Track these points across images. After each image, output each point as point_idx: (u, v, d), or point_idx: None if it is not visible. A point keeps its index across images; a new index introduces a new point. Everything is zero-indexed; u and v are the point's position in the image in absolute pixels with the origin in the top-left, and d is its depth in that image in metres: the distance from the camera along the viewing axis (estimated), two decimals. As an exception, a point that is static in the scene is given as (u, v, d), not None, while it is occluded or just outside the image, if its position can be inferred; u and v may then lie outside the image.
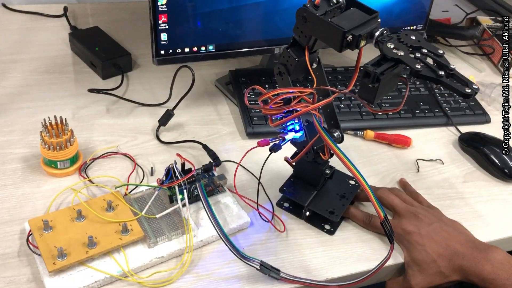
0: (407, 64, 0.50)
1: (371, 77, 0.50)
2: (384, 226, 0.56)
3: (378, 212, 0.56)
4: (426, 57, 0.51)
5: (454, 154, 0.87)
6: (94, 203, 0.65)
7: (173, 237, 0.63)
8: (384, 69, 0.50)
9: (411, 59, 0.50)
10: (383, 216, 0.56)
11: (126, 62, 0.94)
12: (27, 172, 0.72)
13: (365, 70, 0.50)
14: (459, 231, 0.68)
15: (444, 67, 0.50)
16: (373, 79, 0.50)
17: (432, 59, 0.51)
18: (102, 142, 0.79)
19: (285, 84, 0.64)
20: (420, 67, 0.50)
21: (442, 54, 0.52)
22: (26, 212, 0.66)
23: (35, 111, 0.83)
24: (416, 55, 0.51)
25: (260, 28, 0.84)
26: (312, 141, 0.63)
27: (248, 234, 0.68)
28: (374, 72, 0.50)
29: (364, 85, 0.52)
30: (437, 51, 0.52)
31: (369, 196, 0.56)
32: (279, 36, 0.86)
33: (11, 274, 0.59)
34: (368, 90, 0.51)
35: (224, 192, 0.71)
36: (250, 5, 0.80)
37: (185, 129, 0.84)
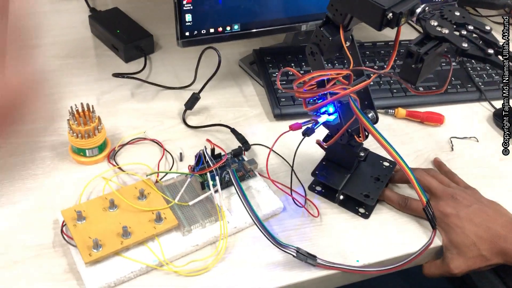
0: (453, 43, 0.47)
1: (414, 57, 0.48)
2: (427, 211, 0.55)
3: (421, 197, 0.54)
4: (472, 34, 0.48)
5: (489, 130, 0.84)
6: (126, 192, 0.64)
7: (207, 224, 0.63)
8: (428, 48, 0.48)
9: (456, 37, 0.48)
10: (426, 202, 0.54)
11: (148, 44, 0.91)
12: (56, 161, 0.71)
13: (408, 50, 0.48)
14: (500, 213, 0.66)
15: (492, 44, 0.48)
16: (417, 59, 0.47)
17: (479, 36, 0.48)
18: (128, 127, 0.78)
19: (318, 64, 0.62)
20: (467, 45, 0.47)
21: (489, 30, 0.49)
22: (57, 201, 0.66)
23: (59, 97, 0.82)
24: (461, 33, 0.48)
25: (286, 4, 0.81)
26: (347, 124, 0.61)
27: (281, 219, 0.67)
28: (418, 52, 0.47)
29: (406, 65, 0.49)
30: (484, 27, 0.49)
31: (411, 180, 0.54)
32: (305, 12, 0.83)
33: (48, 265, 0.59)
34: (411, 70, 0.49)
35: (255, 177, 0.70)
36: (276, -18, 0.77)
37: (211, 112, 0.82)
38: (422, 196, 0.54)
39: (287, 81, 0.85)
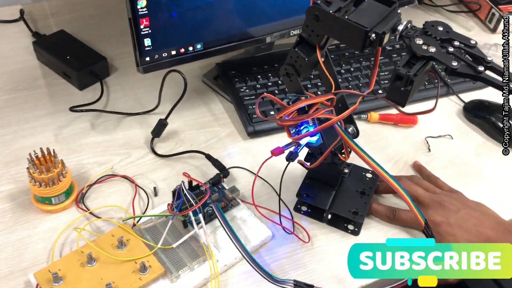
0: (442, 62, 0.45)
1: (404, 80, 0.45)
2: (426, 233, 0.53)
3: (419, 219, 0.53)
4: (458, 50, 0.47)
5: (461, 126, 0.84)
6: (103, 242, 0.59)
7: (195, 266, 0.59)
8: (417, 69, 0.45)
9: (445, 56, 0.46)
10: (424, 223, 0.53)
11: (103, 67, 0.85)
12: (18, 212, 0.65)
13: (396, 73, 0.45)
14: (487, 214, 0.65)
15: (480, 59, 0.46)
16: (407, 82, 0.45)
17: (465, 51, 0.47)
18: (94, 164, 0.72)
19: (295, 85, 0.59)
20: (457, 64, 0.45)
21: (474, 44, 0.47)
22: (27, 261, 0.60)
23: (11, 137, 0.75)
24: (448, 50, 0.46)
25: (248, 18, 0.77)
26: (332, 145, 0.58)
27: (271, 248, 0.64)
28: (408, 75, 0.45)
29: (395, 88, 0.47)
30: (469, 41, 0.47)
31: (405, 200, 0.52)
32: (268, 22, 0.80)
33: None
34: (400, 92, 0.47)
35: (238, 205, 0.66)
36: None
37: (180, 137, 0.78)
38: (420, 218, 0.52)
39: (255, 95, 0.81)
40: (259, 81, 0.84)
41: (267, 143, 0.77)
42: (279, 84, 0.84)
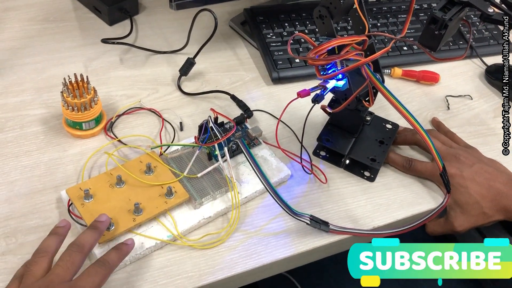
0: (478, 8, 0.46)
1: (438, 23, 0.46)
2: (443, 177, 0.55)
3: (438, 164, 0.55)
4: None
5: (481, 87, 0.85)
6: (132, 166, 0.62)
7: (218, 195, 0.62)
8: (452, 14, 0.46)
9: (481, 2, 0.47)
10: (442, 167, 0.55)
11: (133, 4, 0.86)
12: (49, 135, 0.68)
13: (432, 16, 0.47)
14: (500, 171, 0.67)
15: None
16: (441, 25, 0.46)
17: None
18: (122, 97, 0.74)
19: (327, 27, 0.60)
20: (493, 10, 0.46)
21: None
22: (58, 179, 0.63)
23: (43, 65, 0.77)
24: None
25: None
26: (358, 90, 0.60)
27: (289, 187, 0.66)
28: (444, 18, 0.46)
29: (429, 31, 0.48)
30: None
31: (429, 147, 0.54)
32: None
33: (57, 246, 0.57)
34: (433, 36, 0.48)
35: (260, 145, 0.69)
36: None
37: (206, 78, 0.79)
38: (439, 162, 0.54)
39: (282, 42, 0.82)
40: (286, 28, 0.85)
41: (290, 90, 0.79)
42: (306, 33, 0.85)
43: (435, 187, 0.68)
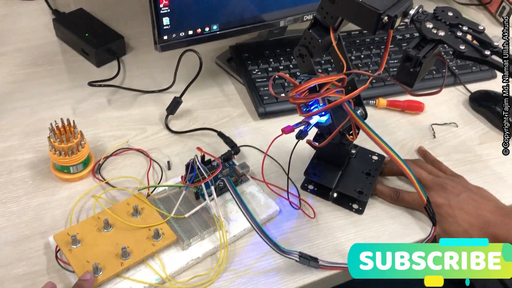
0: (450, 45, 0.47)
1: (413, 61, 0.48)
2: (428, 209, 0.56)
3: (421, 197, 0.55)
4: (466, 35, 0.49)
5: (466, 115, 0.86)
6: (119, 209, 0.62)
7: (206, 235, 0.62)
8: (426, 51, 0.48)
9: (453, 39, 0.48)
10: (426, 200, 0.55)
11: (120, 46, 0.88)
12: (38, 180, 0.68)
13: (406, 55, 0.48)
14: (487, 198, 0.68)
15: (487, 44, 0.48)
16: (416, 63, 0.47)
17: (473, 36, 0.49)
18: (110, 138, 0.75)
19: (308, 66, 0.61)
20: (464, 47, 0.47)
21: (482, 30, 0.49)
22: (46, 224, 0.63)
23: (31, 110, 0.78)
24: (457, 34, 0.49)
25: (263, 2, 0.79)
26: (341, 124, 0.61)
27: (278, 223, 0.66)
28: (417, 56, 0.47)
29: (404, 69, 0.49)
30: (477, 27, 0.49)
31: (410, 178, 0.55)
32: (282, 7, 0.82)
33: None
34: (409, 74, 0.49)
35: (248, 181, 0.69)
36: (253, -22, 0.75)
37: (193, 115, 0.80)
38: (422, 195, 0.55)
39: (267, 78, 0.84)
40: (271, 64, 0.86)
41: (277, 124, 0.80)
42: (290, 68, 0.86)
43: (424, 217, 0.68)
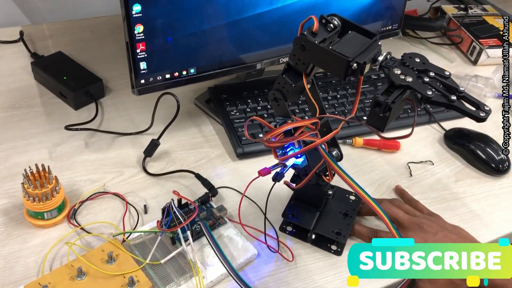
0: (418, 91, 0.49)
1: (382, 107, 0.49)
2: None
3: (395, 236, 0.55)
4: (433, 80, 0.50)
5: (441, 152, 0.88)
6: (93, 256, 0.61)
7: (182, 282, 0.61)
8: (395, 97, 0.49)
9: (421, 85, 0.49)
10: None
11: (98, 88, 0.88)
12: (10, 227, 0.67)
13: (375, 100, 0.49)
14: (463, 237, 0.68)
15: (453, 89, 0.49)
16: (385, 108, 0.49)
17: (439, 81, 0.50)
18: (86, 181, 0.74)
19: (282, 109, 0.62)
20: (432, 93, 0.48)
21: (448, 75, 0.51)
22: (17, 273, 0.61)
23: (6, 154, 0.77)
24: (424, 80, 0.50)
25: (240, 45, 0.81)
26: (316, 167, 0.61)
27: (256, 266, 0.66)
28: (386, 102, 0.48)
29: (374, 114, 0.50)
30: (443, 72, 0.51)
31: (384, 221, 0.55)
32: (258, 50, 0.83)
33: None
34: (379, 118, 0.50)
35: (226, 224, 0.69)
36: (229, 24, 0.76)
37: (171, 157, 0.80)
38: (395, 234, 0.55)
39: (245, 118, 0.84)
40: (249, 105, 0.87)
41: (255, 165, 0.80)
42: (268, 108, 0.87)
43: (402, 257, 0.68)
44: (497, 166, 0.83)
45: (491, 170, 0.84)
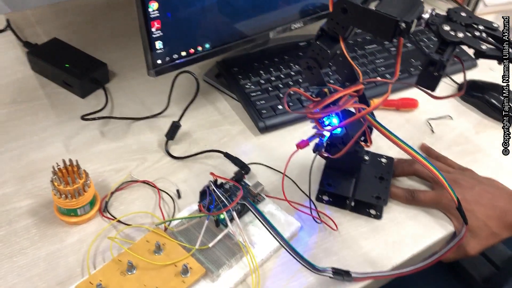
0: (472, 46, 0.47)
1: (437, 65, 0.47)
2: (460, 210, 0.56)
3: (453, 198, 0.55)
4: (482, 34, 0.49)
5: (458, 106, 0.88)
6: (139, 248, 0.59)
7: (234, 263, 0.59)
8: (448, 54, 0.48)
9: (473, 40, 0.48)
10: (457, 200, 0.55)
11: (103, 73, 0.84)
12: (42, 227, 0.64)
13: (430, 59, 0.47)
14: (500, 188, 0.69)
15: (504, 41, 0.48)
16: (440, 67, 0.47)
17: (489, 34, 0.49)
18: (110, 172, 0.71)
19: (317, 77, 0.60)
20: (486, 47, 0.47)
21: (497, 27, 0.50)
22: (61, 274, 0.59)
23: (20, 152, 0.73)
24: (474, 34, 0.49)
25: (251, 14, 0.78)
26: (358, 133, 0.60)
27: (301, 239, 0.65)
28: (442, 60, 0.47)
29: (427, 73, 0.49)
30: (492, 25, 0.50)
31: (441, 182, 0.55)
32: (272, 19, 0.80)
33: None
34: (432, 78, 0.49)
35: (264, 200, 0.67)
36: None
37: (193, 137, 0.78)
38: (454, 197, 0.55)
39: (261, 91, 0.82)
40: (262, 76, 0.85)
41: (279, 138, 0.78)
42: (282, 78, 0.85)
43: (441, 214, 0.69)
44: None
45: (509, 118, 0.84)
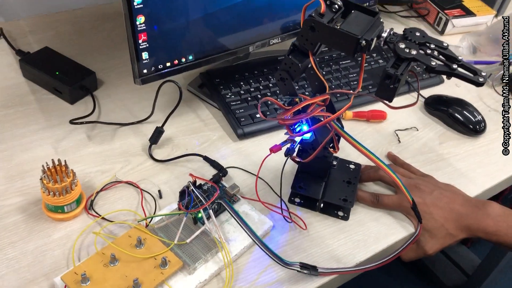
0: (423, 62, 0.54)
1: (392, 79, 0.53)
2: (415, 209, 0.61)
3: (408, 199, 0.61)
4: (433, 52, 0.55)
5: (423, 118, 0.94)
6: (121, 242, 0.63)
7: (209, 258, 0.64)
8: (403, 69, 0.54)
9: (425, 57, 0.54)
10: (412, 201, 0.61)
11: (92, 81, 0.89)
12: (30, 223, 0.68)
13: (386, 73, 0.53)
14: (456, 193, 0.75)
15: (452, 59, 0.55)
16: (395, 80, 0.53)
17: (439, 52, 0.56)
18: (97, 173, 0.76)
19: (289, 88, 0.66)
20: (435, 63, 0.53)
21: (446, 46, 0.56)
22: (47, 266, 0.63)
23: (11, 153, 0.77)
24: (426, 52, 0.55)
25: (234, 29, 0.83)
26: (325, 139, 0.65)
27: (273, 237, 0.70)
28: (396, 74, 0.53)
29: (384, 86, 0.55)
30: (442, 44, 0.56)
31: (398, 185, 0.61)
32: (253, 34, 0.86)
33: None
34: (388, 90, 0.55)
35: (239, 201, 0.72)
36: (223, 10, 0.79)
37: (175, 142, 0.83)
38: (408, 196, 0.61)
39: (240, 100, 0.88)
40: (242, 87, 0.90)
41: (256, 144, 0.84)
42: (261, 89, 0.90)
43: (403, 216, 0.75)
44: (474, 127, 0.91)
45: (469, 131, 0.91)
